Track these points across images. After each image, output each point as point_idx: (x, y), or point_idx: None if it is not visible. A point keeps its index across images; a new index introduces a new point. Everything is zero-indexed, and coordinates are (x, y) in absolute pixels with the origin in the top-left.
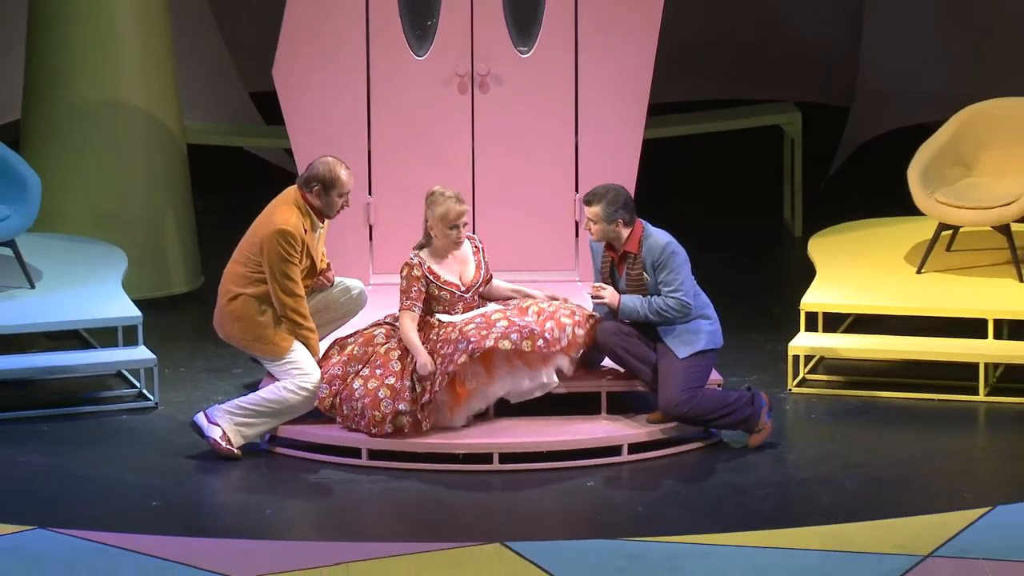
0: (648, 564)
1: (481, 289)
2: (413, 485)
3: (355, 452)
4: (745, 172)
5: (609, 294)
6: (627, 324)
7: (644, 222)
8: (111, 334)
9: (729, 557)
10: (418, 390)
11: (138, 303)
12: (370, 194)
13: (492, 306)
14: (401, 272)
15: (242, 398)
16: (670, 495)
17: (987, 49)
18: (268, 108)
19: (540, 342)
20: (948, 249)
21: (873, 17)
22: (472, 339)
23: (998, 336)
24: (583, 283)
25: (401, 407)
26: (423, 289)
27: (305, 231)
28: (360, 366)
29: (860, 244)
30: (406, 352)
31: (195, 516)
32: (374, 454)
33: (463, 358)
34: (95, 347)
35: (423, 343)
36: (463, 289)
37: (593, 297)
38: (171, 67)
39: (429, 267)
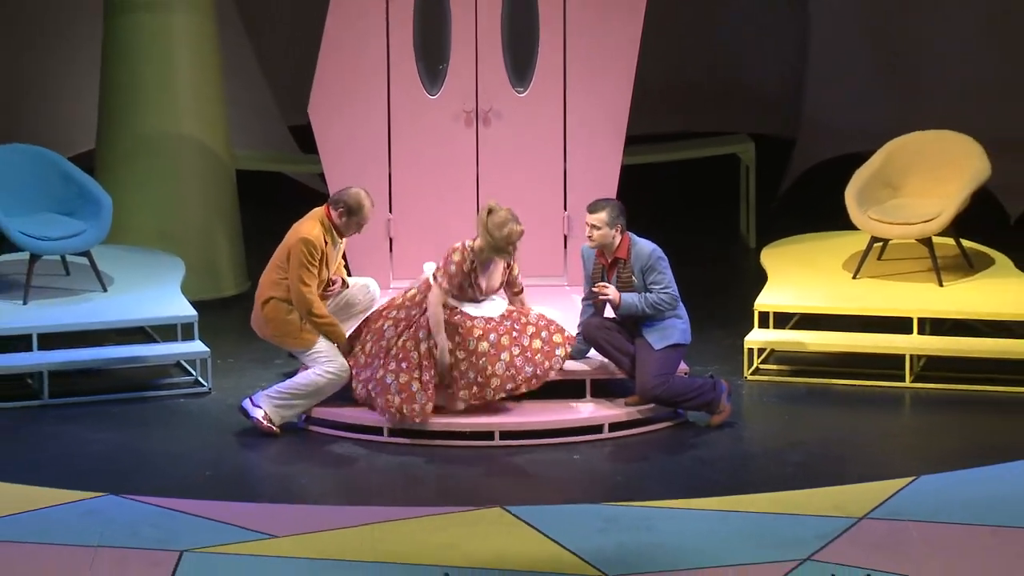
0: (625, 525)
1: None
2: (426, 458)
3: (377, 430)
4: (707, 194)
5: (612, 292)
6: (609, 320)
7: (630, 233)
8: (171, 330)
9: (694, 519)
10: (426, 377)
11: (194, 304)
12: (390, 212)
13: (502, 303)
14: (452, 255)
15: (280, 384)
16: (645, 467)
17: (912, 89)
18: (304, 139)
19: (534, 381)
20: (879, 258)
21: (816, 62)
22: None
23: (921, 332)
24: (570, 287)
25: (421, 398)
26: (461, 282)
27: (326, 243)
28: (381, 360)
29: (805, 254)
30: (416, 341)
31: (242, 484)
32: (393, 432)
33: (474, 389)
34: (158, 341)
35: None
36: (484, 291)
37: (598, 294)
38: (222, 104)
39: (475, 263)
